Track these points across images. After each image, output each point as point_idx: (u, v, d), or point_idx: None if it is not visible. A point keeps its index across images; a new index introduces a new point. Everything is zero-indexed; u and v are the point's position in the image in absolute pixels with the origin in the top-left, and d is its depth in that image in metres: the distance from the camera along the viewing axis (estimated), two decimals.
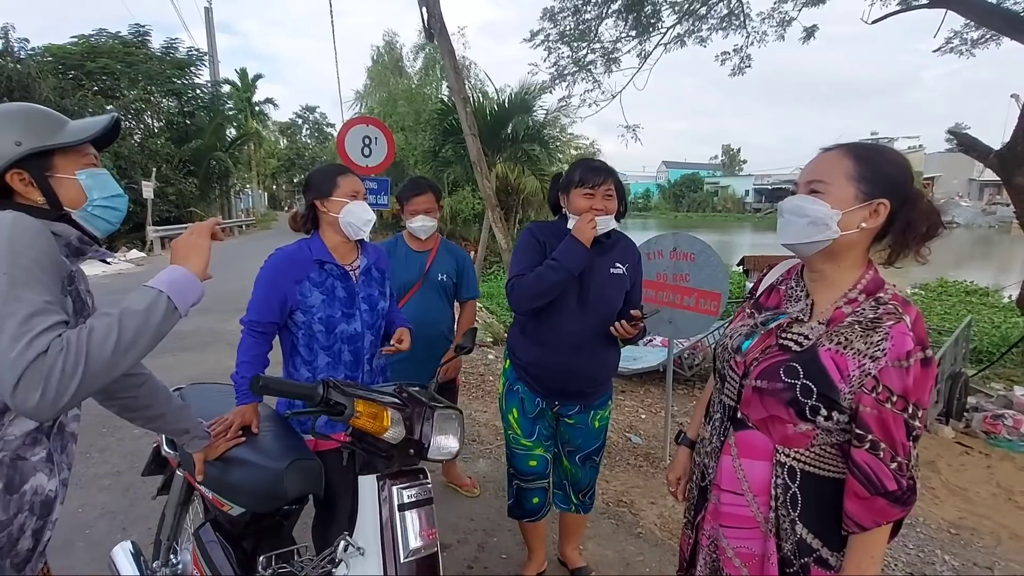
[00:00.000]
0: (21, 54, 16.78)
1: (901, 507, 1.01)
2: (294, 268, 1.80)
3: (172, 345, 5.90)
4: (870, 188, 1.04)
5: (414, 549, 1.17)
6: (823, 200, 1.05)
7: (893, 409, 0.99)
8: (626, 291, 2.00)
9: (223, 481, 1.50)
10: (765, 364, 1.12)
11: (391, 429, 1.17)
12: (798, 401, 1.05)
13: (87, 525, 2.66)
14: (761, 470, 1.13)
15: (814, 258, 1.12)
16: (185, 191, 20.84)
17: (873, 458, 1.00)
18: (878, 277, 1.10)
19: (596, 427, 2.09)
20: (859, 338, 1.03)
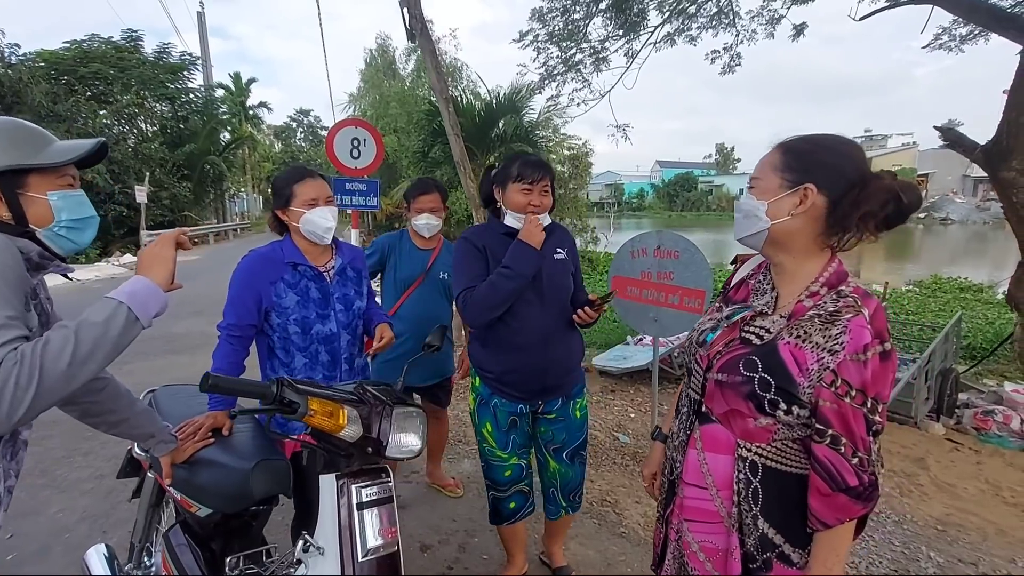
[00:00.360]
0: (12, 59, 16.72)
1: (863, 503, 1.00)
2: (268, 269, 1.80)
3: (163, 348, 5.89)
4: (793, 175, 1.06)
5: (372, 548, 1.16)
6: (752, 194, 1.11)
7: (852, 403, 0.98)
8: (571, 274, 2.03)
9: (191, 482, 1.49)
10: (727, 357, 1.12)
11: (347, 427, 1.16)
12: (756, 395, 1.05)
13: (66, 529, 2.64)
14: (724, 464, 1.12)
15: (766, 250, 1.14)
16: (179, 195, 20.81)
17: (834, 453, 0.99)
18: (841, 270, 1.09)
19: (578, 417, 2.09)
20: (818, 331, 1.02)
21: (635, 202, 67.62)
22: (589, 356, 6.18)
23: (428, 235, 2.67)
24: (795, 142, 1.10)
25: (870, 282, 15.34)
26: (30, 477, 3.13)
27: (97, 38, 19.94)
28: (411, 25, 3.49)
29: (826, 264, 1.09)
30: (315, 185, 1.80)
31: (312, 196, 1.79)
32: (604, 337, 7.34)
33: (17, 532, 2.61)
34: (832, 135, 1.10)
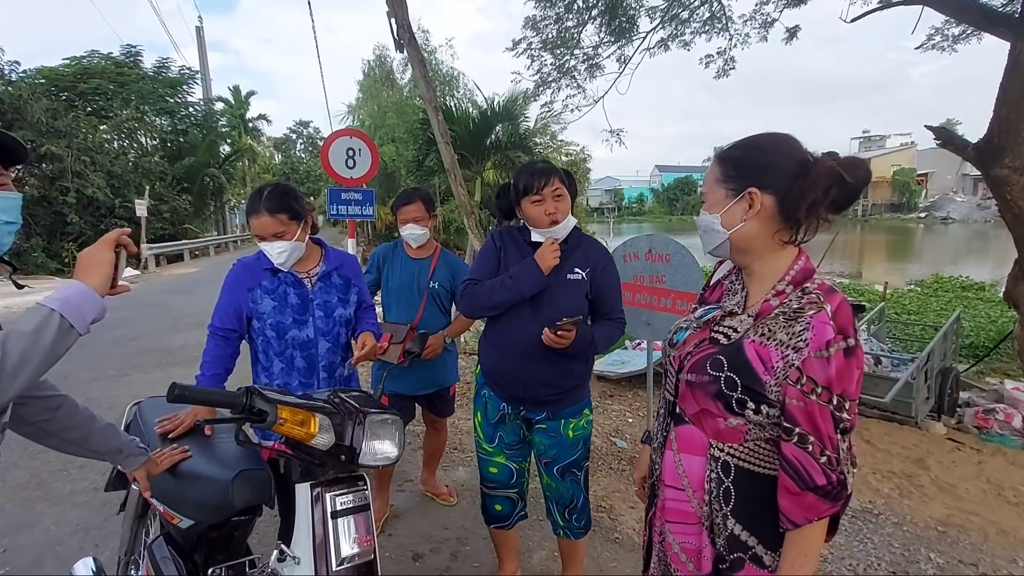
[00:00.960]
0: (12, 76, 16.87)
1: (832, 502, 0.99)
2: (248, 276, 1.84)
3: (161, 360, 5.89)
4: (735, 183, 1.08)
5: (347, 556, 1.15)
6: (705, 210, 1.15)
7: (818, 401, 0.97)
8: (589, 296, 1.93)
9: (172, 494, 1.49)
10: (696, 358, 1.12)
11: (319, 435, 1.15)
12: (724, 394, 1.05)
13: (58, 542, 2.63)
14: (698, 465, 1.12)
15: (734, 257, 1.15)
16: (179, 208, 20.88)
17: (802, 452, 0.98)
18: (808, 267, 1.09)
19: (570, 437, 1.97)
20: (782, 329, 1.02)
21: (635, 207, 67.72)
22: None
23: (415, 245, 2.66)
24: (730, 151, 1.12)
25: (872, 282, 15.32)
26: (25, 490, 3.13)
27: (97, 54, 20.12)
28: (399, 35, 3.52)
29: (793, 262, 1.09)
30: (258, 223, 1.78)
31: (256, 233, 1.80)
32: None
33: (10, 546, 2.61)
34: (765, 134, 1.11)
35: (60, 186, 15.76)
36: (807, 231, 1.06)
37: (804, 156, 1.05)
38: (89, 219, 16.55)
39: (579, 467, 2.03)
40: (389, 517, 2.80)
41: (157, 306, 9.71)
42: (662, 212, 64.55)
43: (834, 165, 1.01)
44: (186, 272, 16.37)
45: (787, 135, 1.09)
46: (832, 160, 1.02)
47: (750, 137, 1.12)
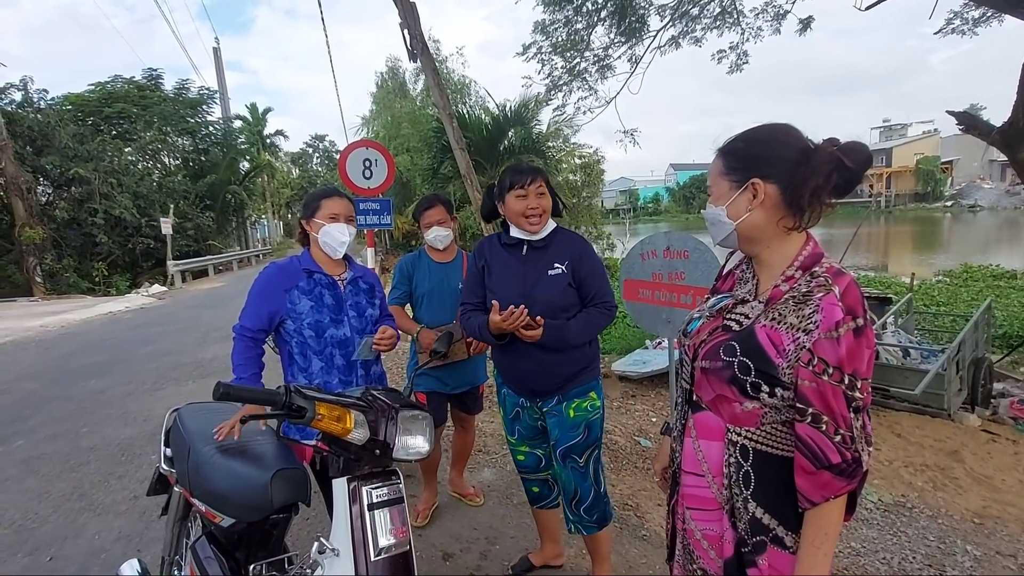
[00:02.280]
0: (41, 104, 17.50)
1: (847, 480, 1.01)
2: (284, 278, 1.92)
3: (193, 373, 6.05)
4: (737, 175, 1.11)
5: (384, 547, 1.19)
6: (710, 203, 1.17)
7: (830, 381, 0.99)
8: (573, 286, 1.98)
9: (213, 493, 1.55)
10: (710, 345, 1.15)
11: (355, 431, 1.20)
12: (738, 379, 1.07)
13: (103, 550, 2.73)
14: (717, 450, 1.14)
15: (742, 247, 1.18)
16: (203, 225, 21.40)
17: (815, 431, 1.00)
18: (816, 252, 1.11)
19: (571, 417, 2.00)
20: (792, 312, 1.04)
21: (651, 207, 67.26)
22: (609, 362, 6.16)
23: (442, 247, 2.72)
24: (730, 144, 1.15)
25: (898, 274, 14.99)
26: (68, 502, 3.25)
27: (120, 79, 20.78)
28: (412, 45, 3.60)
29: (801, 247, 1.11)
30: (340, 203, 1.97)
31: (335, 211, 1.94)
32: (624, 343, 7.30)
33: (57, 555, 2.71)
34: (764, 125, 1.14)
35: (89, 208, 16.29)
36: (811, 217, 1.08)
37: (804, 144, 1.08)
38: (117, 239, 17.08)
39: (579, 453, 2.03)
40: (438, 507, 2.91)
41: (187, 321, 9.96)
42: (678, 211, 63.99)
43: (834, 151, 1.03)
44: (211, 287, 16.74)
45: (787, 124, 1.12)
46: (832, 146, 1.05)
47: (750, 129, 1.14)
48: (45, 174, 16.24)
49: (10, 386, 5.96)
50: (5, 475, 3.65)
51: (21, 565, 2.64)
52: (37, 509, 3.18)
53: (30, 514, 3.12)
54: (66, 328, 9.84)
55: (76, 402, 5.20)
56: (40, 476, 3.61)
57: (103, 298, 14.45)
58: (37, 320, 10.45)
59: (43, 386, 5.88)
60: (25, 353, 7.86)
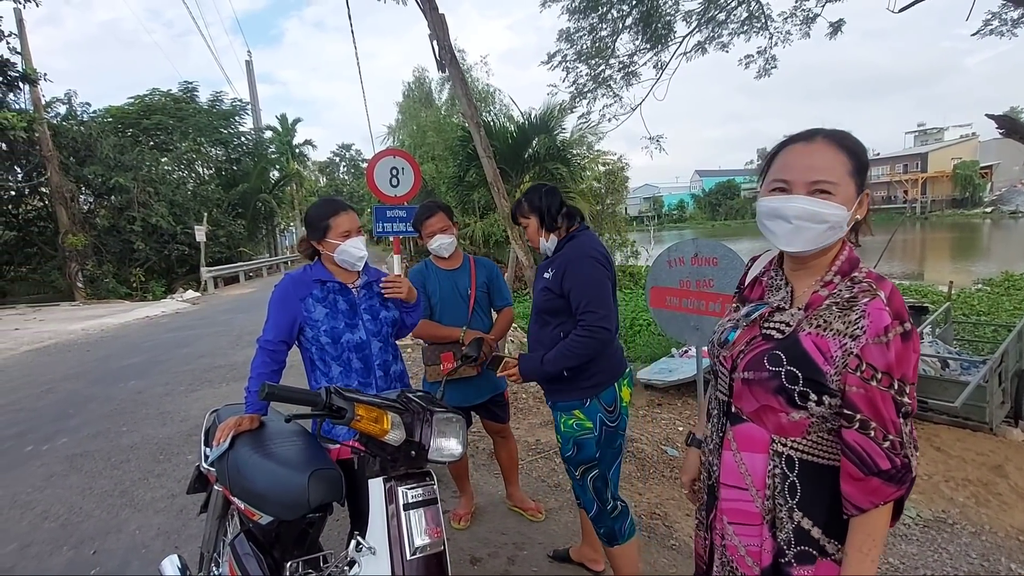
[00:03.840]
0: (84, 117, 18.30)
1: (896, 486, 0.99)
2: (298, 288, 1.97)
3: (226, 376, 6.22)
4: (861, 179, 1.05)
5: (420, 546, 1.21)
6: (835, 201, 1.02)
7: (879, 387, 0.98)
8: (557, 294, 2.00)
9: (252, 491, 1.60)
10: (750, 355, 1.12)
11: (392, 432, 1.23)
12: (785, 388, 1.05)
13: (143, 545, 2.82)
14: (760, 462, 1.12)
15: (813, 255, 1.10)
16: (234, 232, 22.00)
17: (864, 438, 0.99)
18: (853, 256, 1.09)
19: (562, 430, 2.06)
20: (837, 319, 1.03)
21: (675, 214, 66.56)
22: (634, 370, 6.11)
23: (447, 255, 2.69)
24: (848, 140, 1.06)
25: (935, 282, 14.50)
26: (110, 498, 3.37)
27: (157, 91, 21.61)
28: (441, 55, 3.66)
29: (838, 252, 1.09)
30: (348, 218, 1.97)
31: (346, 228, 1.95)
32: (649, 351, 7.24)
33: (100, 548, 2.82)
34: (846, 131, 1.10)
35: (128, 216, 16.93)
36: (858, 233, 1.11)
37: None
38: (154, 245, 17.68)
39: (573, 466, 2.05)
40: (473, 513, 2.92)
41: (220, 325, 10.24)
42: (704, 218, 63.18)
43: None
44: (242, 293, 17.19)
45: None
46: None
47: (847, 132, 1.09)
48: (87, 183, 16.95)
49: (55, 385, 6.22)
50: (51, 471, 3.81)
51: (67, 558, 2.75)
52: (81, 504, 3.31)
53: (75, 509, 3.25)
54: (106, 331, 10.22)
55: (116, 402, 5.40)
56: (84, 473, 3.76)
57: (140, 303, 14.97)
58: (79, 323, 10.88)
59: (85, 386, 6.12)
60: (68, 354, 8.19)
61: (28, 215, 17.84)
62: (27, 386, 6.29)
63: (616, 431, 2.03)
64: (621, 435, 2.07)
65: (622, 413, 2.06)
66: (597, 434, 1.99)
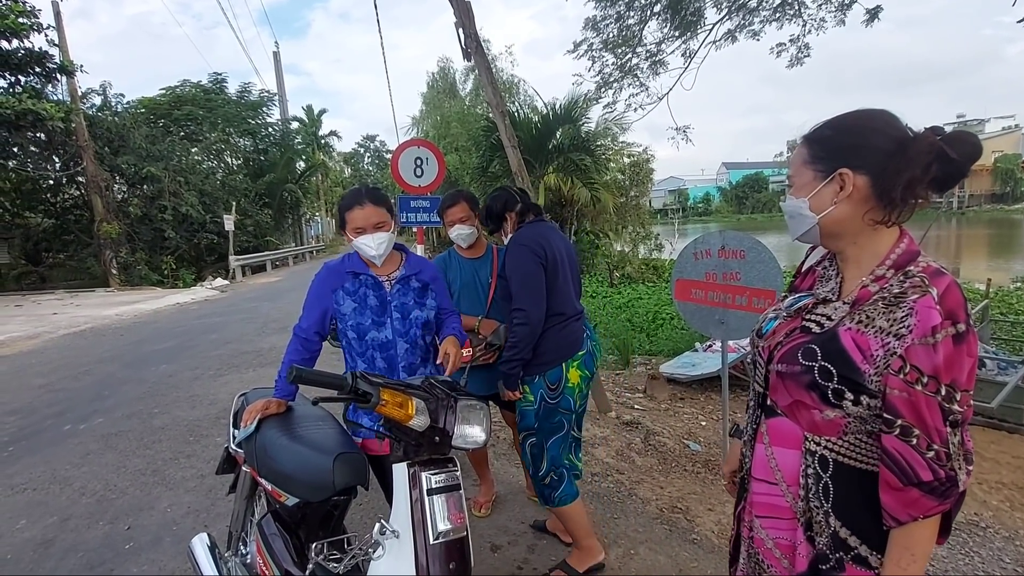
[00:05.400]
0: (118, 107, 18.78)
1: (939, 500, 0.92)
2: (332, 278, 1.95)
3: (253, 362, 6.37)
4: (824, 164, 1.03)
5: (443, 531, 1.22)
6: (791, 194, 1.09)
7: (924, 391, 0.91)
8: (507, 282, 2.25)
9: (279, 473, 1.63)
10: (787, 347, 1.07)
11: (416, 417, 1.24)
12: (818, 384, 1.00)
13: (174, 523, 2.92)
14: (792, 458, 1.08)
15: (825, 243, 1.10)
16: (262, 222, 22.42)
17: (904, 445, 0.92)
18: (912, 249, 1.01)
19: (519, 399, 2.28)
20: (881, 315, 0.96)
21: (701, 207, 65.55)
22: (656, 364, 6.05)
23: (465, 244, 2.70)
24: (818, 131, 1.06)
25: (971, 280, 14.00)
26: (143, 476, 3.49)
27: (188, 83, 22.05)
28: (466, 44, 3.65)
29: (894, 244, 1.02)
30: (362, 213, 1.86)
31: (358, 225, 1.87)
32: (672, 344, 7.16)
33: (134, 524, 2.93)
34: (857, 111, 1.04)
35: (159, 205, 17.38)
36: (904, 212, 1.00)
37: (902, 132, 0.98)
38: (184, 234, 18.14)
39: (519, 431, 2.37)
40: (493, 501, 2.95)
41: (247, 312, 10.48)
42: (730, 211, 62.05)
43: (936, 140, 0.94)
44: (269, 281, 17.53)
45: (883, 111, 1.02)
46: (935, 135, 0.95)
47: (841, 116, 1.05)
48: (121, 173, 17.43)
49: (91, 368, 6.45)
50: (87, 449, 3.96)
51: (103, 532, 2.86)
52: (116, 481, 3.43)
53: (110, 486, 3.38)
54: (139, 317, 10.55)
55: (148, 385, 5.58)
56: (118, 452, 3.90)
57: (171, 290, 15.38)
58: (113, 309, 11.24)
59: (119, 369, 6.33)
60: (103, 339, 8.48)
61: (65, 204, 18.45)
62: (65, 368, 6.53)
63: (556, 408, 2.22)
64: (563, 413, 2.24)
65: (565, 392, 2.22)
66: (536, 407, 2.22)
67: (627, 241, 16.15)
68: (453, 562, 1.24)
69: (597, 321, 8.53)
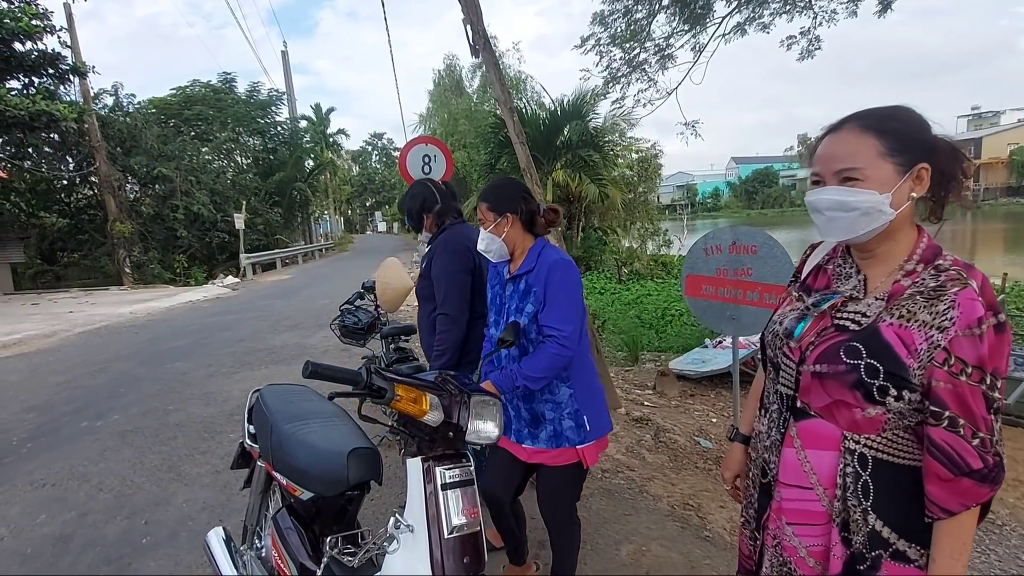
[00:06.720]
0: (130, 108, 18.98)
1: (989, 486, 0.94)
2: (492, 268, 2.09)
3: (265, 359, 6.43)
4: (905, 157, 0.99)
5: (457, 526, 1.23)
6: (865, 187, 1.00)
7: (969, 381, 0.92)
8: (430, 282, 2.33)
9: (294, 468, 1.65)
10: (823, 347, 1.06)
11: (430, 413, 1.25)
12: (864, 383, 0.99)
13: (190, 518, 2.96)
14: (829, 460, 1.06)
15: (869, 242, 1.06)
16: (271, 220, 22.57)
17: (953, 436, 0.93)
18: (933, 243, 1.03)
19: None
20: (923, 309, 0.97)
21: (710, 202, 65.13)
22: (665, 360, 6.04)
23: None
24: (878, 120, 1.02)
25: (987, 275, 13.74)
26: (159, 472, 3.54)
27: (198, 83, 22.22)
28: (474, 41, 3.64)
29: (917, 240, 1.04)
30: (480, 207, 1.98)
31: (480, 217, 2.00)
32: (681, 341, 7.13)
33: (151, 519, 2.97)
34: (899, 105, 1.04)
35: (171, 204, 17.58)
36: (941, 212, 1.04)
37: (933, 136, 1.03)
38: (195, 233, 18.32)
39: None
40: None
41: (259, 310, 10.57)
42: (739, 206, 61.59)
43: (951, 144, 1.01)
44: (279, 279, 17.66)
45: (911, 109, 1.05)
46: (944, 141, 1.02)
47: (894, 107, 1.04)
48: (133, 173, 17.64)
49: (107, 365, 6.54)
50: (105, 446, 4.02)
51: (120, 527, 2.91)
52: (133, 477, 3.49)
53: (127, 481, 3.43)
54: (152, 315, 10.67)
55: (164, 382, 5.65)
56: (135, 448, 3.95)
57: (183, 288, 15.55)
58: (127, 307, 11.38)
59: (135, 366, 6.42)
60: (119, 336, 8.60)
61: (79, 203, 18.70)
62: (81, 365, 6.63)
63: None
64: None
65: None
66: None
67: (635, 237, 16.10)
68: (467, 556, 1.24)
69: (606, 318, 8.51)
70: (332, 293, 11.47)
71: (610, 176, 13.54)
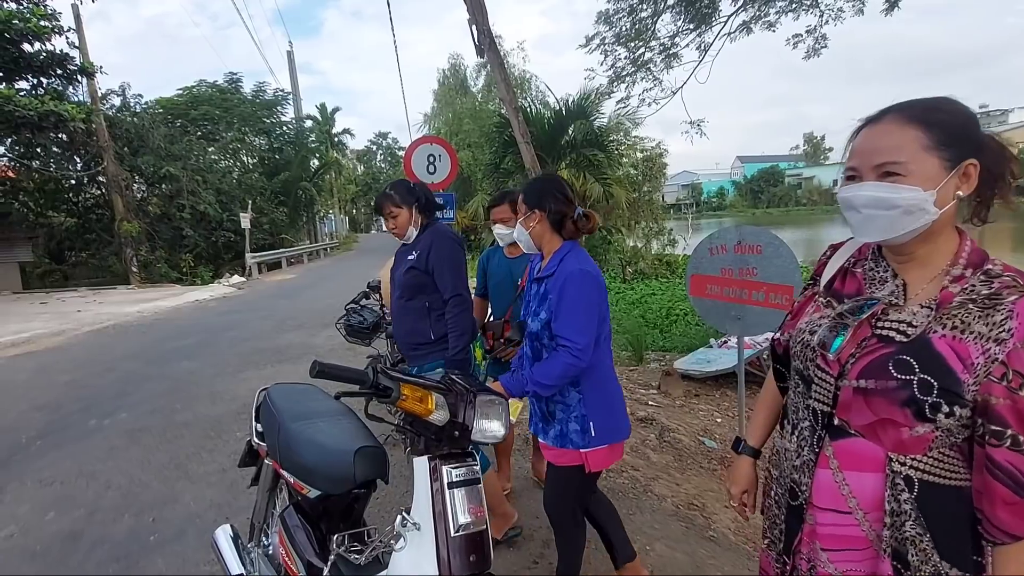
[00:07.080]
0: (137, 108, 19.09)
1: None
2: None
3: (271, 358, 6.46)
4: (952, 152, 0.91)
5: (463, 524, 1.24)
6: (908, 183, 0.92)
7: None
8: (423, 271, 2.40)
9: (301, 466, 1.66)
10: (867, 360, 0.97)
11: (436, 412, 1.26)
12: (916, 400, 0.91)
13: (197, 516, 2.98)
14: (872, 483, 0.99)
15: (909, 243, 0.98)
16: (277, 220, 22.66)
17: (1018, 456, 0.86)
18: (977, 247, 0.97)
19: None
20: (977, 319, 0.90)
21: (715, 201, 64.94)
22: (670, 360, 6.03)
23: (503, 244, 2.80)
24: (924, 112, 0.94)
25: None
26: (166, 470, 3.57)
27: (204, 83, 22.35)
28: (480, 41, 3.65)
29: (961, 243, 0.97)
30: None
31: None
32: (686, 340, 7.12)
33: (158, 517, 2.99)
34: (947, 97, 0.97)
35: (178, 203, 17.66)
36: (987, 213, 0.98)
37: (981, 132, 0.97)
38: (202, 232, 18.41)
39: None
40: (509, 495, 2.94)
41: (265, 310, 10.62)
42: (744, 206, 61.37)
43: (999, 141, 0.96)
44: (285, 278, 17.73)
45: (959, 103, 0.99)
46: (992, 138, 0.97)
47: (939, 98, 0.96)
48: (140, 172, 17.74)
49: (115, 364, 6.59)
50: (112, 444, 4.05)
51: (128, 525, 2.93)
52: (140, 475, 3.51)
53: (135, 480, 3.46)
54: (159, 314, 10.74)
55: (171, 381, 5.69)
56: (142, 446, 3.98)
57: (190, 287, 15.63)
58: (134, 306, 11.46)
59: (142, 365, 6.46)
60: (126, 335, 8.66)
61: (87, 203, 18.83)
62: (89, 364, 6.69)
63: None
64: None
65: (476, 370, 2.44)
66: None
67: (640, 236, 16.09)
68: (474, 555, 1.25)
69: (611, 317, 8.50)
70: (337, 292, 11.50)
71: (615, 175, 13.53)
